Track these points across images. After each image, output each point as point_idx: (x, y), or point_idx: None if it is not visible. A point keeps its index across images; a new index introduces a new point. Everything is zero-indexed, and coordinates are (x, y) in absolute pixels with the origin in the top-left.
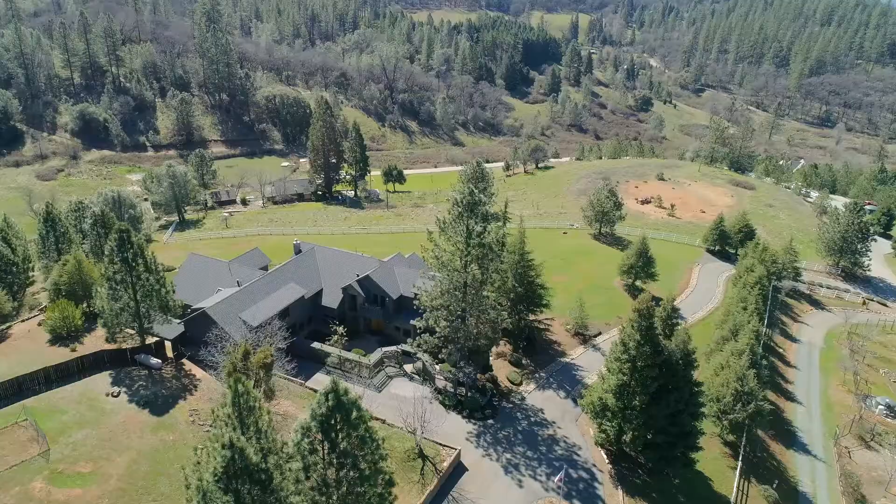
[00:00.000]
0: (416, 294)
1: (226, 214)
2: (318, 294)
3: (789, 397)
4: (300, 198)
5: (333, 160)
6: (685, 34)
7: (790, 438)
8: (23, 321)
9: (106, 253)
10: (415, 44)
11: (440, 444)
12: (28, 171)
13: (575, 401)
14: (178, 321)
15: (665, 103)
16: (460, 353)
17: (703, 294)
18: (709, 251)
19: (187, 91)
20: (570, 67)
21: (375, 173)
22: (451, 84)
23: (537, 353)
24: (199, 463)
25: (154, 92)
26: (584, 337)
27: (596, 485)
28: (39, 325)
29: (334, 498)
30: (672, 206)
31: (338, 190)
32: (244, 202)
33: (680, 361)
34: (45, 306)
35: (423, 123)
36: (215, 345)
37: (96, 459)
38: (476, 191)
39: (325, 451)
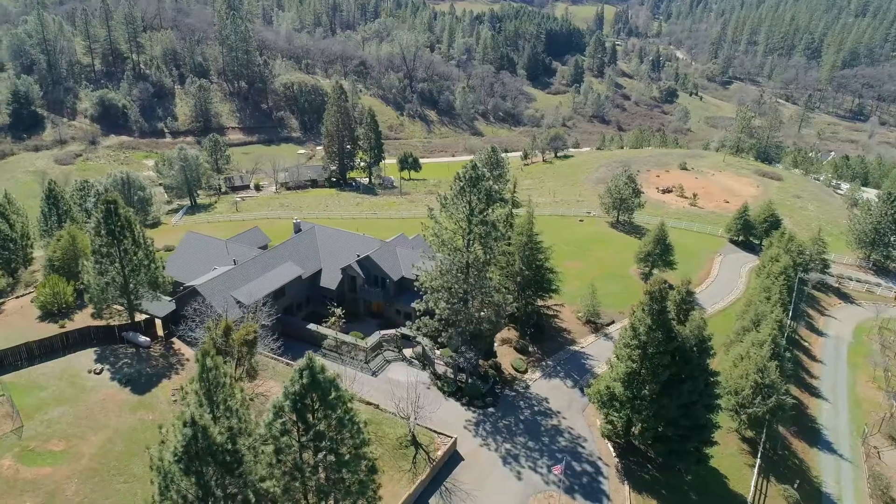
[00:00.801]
0: (417, 275)
1: (237, 199)
2: (317, 274)
3: (814, 393)
4: (314, 184)
5: (348, 146)
6: (713, 25)
7: (814, 436)
8: (17, 297)
9: (92, 225)
10: (436, 33)
11: (435, 432)
12: (47, 156)
13: (582, 390)
14: (169, 299)
15: (691, 95)
16: (461, 337)
17: (724, 284)
18: (732, 241)
19: (206, 78)
20: (594, 58)
21: (391, 161)
22: (471, 74)
23: (545, 340)
24: (163, 442)
25: (173, 79)
26: (595, 325)
27: (601, 479)
28: (32, 301)
29: (310, 484)
30: (694, 195)
31: (352, 177)
32: (257, 188)
33: (694, 348)
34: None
35: (442, 113)
36: (193, 319)
37: (70, 437)
38: (479, 165)
39: (299, 433)
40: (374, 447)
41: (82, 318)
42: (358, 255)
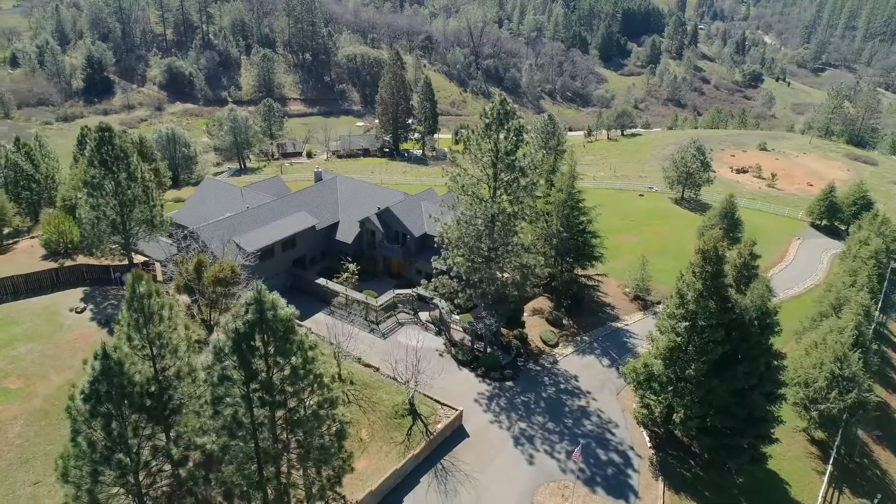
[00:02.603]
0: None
1: (286, 163)
2: (334, 227)
3: None
4: (366, 153)
5: (402, 116)
6: (807, 9)
7: None
8: (32, 237)
9: (86, 154)
10: (506, 10)
11: (440, 403)
12: (114, 120)
13: (620, 371)
14: (170, 242)
15: (777, 81)
16: (482, 300)
17: (800, 269)
18: (813, 225)
19: (272, 49)
20: (673, 39)
21: (447, 136)
22: (540, 52)
23: (583, 313)
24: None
25: (240, 49)
26: (644, 302)
27: (630, 472)
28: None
29: (258, 444)
30: (773, 175)
31: (405, 147)
32: (309, 155)
33: (755, 322)
34: None
35: (507, 90)
36: (170, 260)
37: (30, 376)
38: (509, 101)
39: (241, 382)
40: (347, 408)
41: (85, 259)
42: (378, 208)
